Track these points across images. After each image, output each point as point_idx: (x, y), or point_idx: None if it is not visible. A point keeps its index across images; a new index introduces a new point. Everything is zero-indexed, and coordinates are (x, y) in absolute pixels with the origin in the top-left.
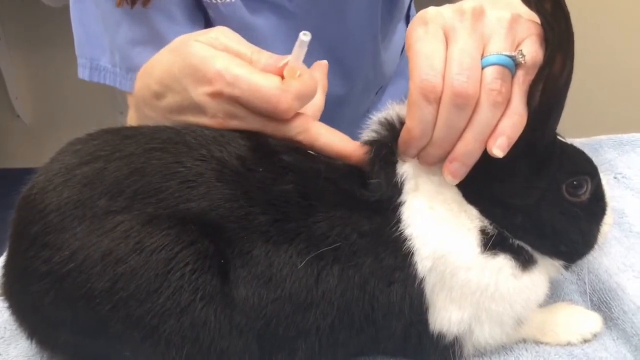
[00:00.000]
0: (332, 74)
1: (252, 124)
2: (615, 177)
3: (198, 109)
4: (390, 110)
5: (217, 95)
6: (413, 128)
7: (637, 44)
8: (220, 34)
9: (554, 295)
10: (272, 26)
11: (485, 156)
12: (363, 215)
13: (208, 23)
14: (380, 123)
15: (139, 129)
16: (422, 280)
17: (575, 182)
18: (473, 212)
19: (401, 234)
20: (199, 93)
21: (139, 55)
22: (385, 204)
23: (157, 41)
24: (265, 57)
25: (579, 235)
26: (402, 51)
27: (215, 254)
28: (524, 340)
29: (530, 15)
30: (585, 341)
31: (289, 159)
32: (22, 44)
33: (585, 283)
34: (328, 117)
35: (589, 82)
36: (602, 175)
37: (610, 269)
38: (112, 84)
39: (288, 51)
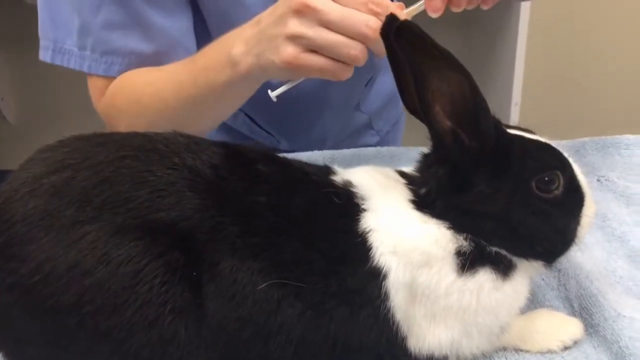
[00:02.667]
0: None
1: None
2: (598, 180)
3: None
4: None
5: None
6: None
7: (621, 46)
8: None
9: (535, 301)
10: (263, 2)
11: (445, 170)
12: (337, 272)
13: (196, 8)
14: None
15: (110, 136)
16: (400, 321)
17: (546, 178)
18: (446, 235)
19: (388, 311)
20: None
21: (119, 39)
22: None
23: (140, 25)
24: None
25: (554, 233)
26: None
27: (186, 265)
28: (504, 348)
29: None
30: (566, 348)
31: (265, 168)
32: (7, 43)
33: (566, 289)
34: (316, 102)
35: (574, 84)
36: (575, 166)
37: (592, 274)
38: (77, 68)
39: None
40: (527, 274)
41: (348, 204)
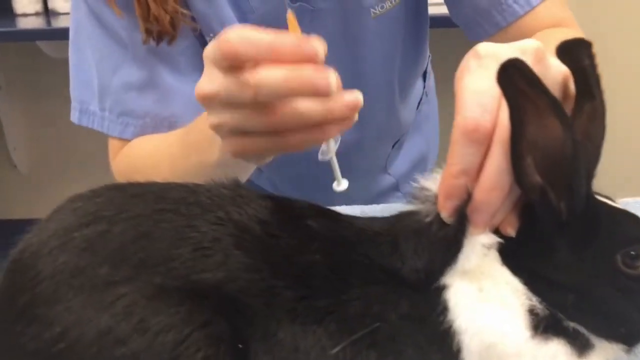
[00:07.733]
0: None
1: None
2: None
3: None
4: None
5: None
6: (451, 167)
7: None
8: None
9: None
10: None
11: (524, 231)
12: (401, 293)
13: None
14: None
15: (147, 187)
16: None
17: (632, 252)
18: (519, 287)
19: (450, 326)
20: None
21: (134, 100)
22: (427, 282)
23: (154, 87)
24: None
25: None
26: (417, 106)
27: (232, 336)
28: None
29: None
30: None
31: (315, 224)
32: (23, 94)
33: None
34: (343, 164)
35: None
36: None
37: None
38: (99, 129)
39: None
40: (605, 355)
41: None
